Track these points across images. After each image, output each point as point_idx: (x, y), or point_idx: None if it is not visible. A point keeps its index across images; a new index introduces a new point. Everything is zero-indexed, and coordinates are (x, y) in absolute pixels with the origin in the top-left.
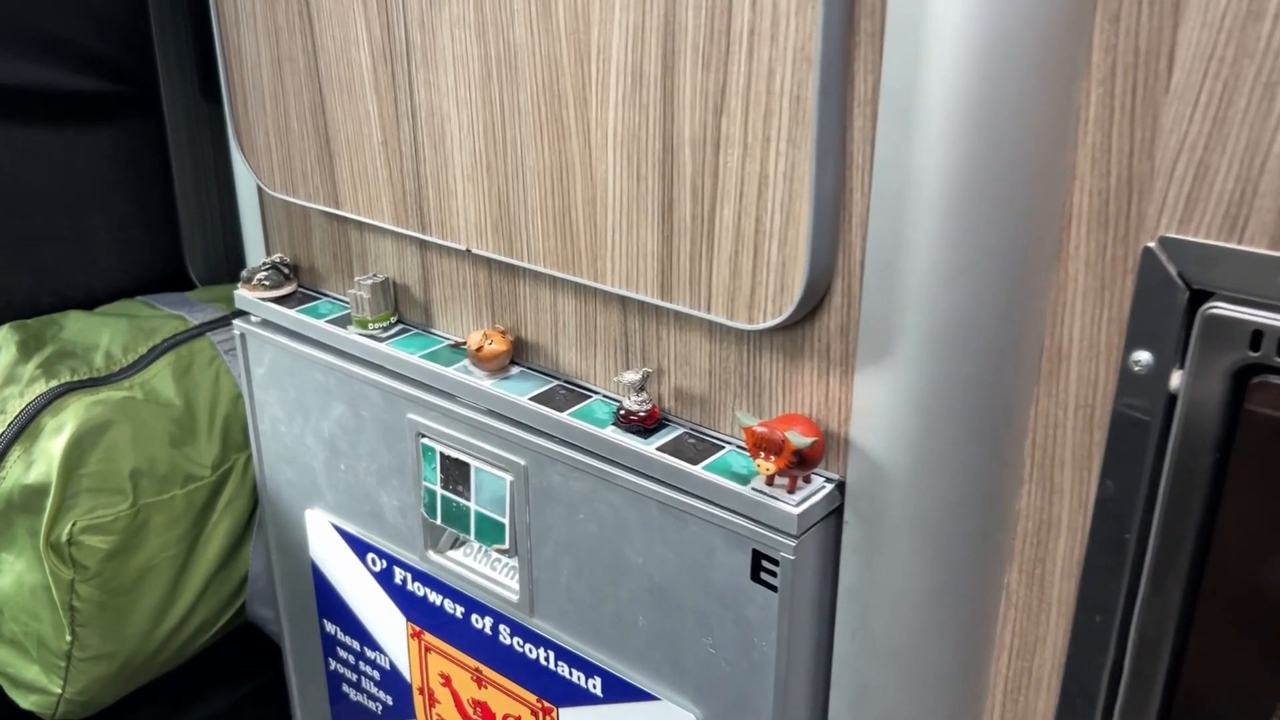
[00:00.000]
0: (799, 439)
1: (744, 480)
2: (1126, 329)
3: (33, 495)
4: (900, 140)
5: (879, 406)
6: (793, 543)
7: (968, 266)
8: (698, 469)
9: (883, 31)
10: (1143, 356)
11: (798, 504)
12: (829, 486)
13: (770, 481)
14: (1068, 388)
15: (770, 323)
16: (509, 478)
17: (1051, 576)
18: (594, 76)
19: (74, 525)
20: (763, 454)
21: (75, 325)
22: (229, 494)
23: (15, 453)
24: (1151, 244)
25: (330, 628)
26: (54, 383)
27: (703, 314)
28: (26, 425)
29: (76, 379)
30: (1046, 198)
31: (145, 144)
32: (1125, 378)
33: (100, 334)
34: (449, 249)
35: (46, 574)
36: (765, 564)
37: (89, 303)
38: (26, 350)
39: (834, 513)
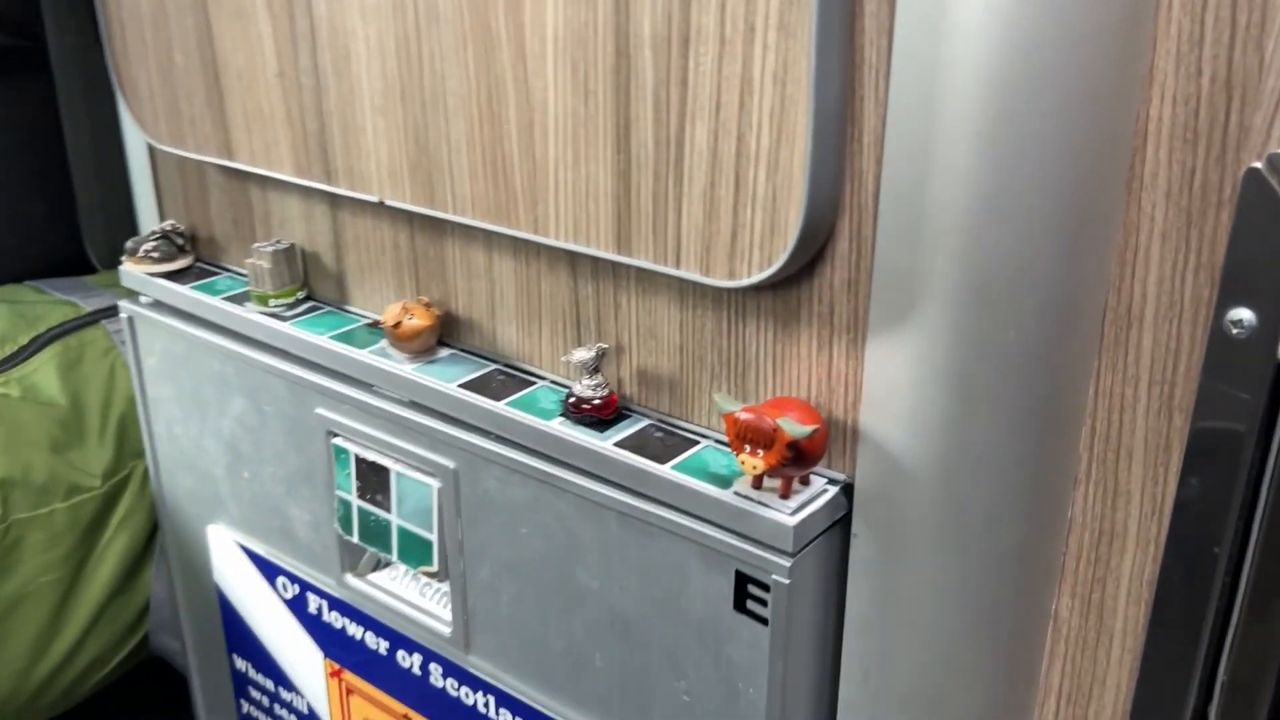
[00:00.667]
0: (794, 428)
1: (725, 483)
2: (1220, 280)
3: None
4: (927, 28)
5: (898, 386)
6: (787, 562)
7: (1015, 200)
8: (666, 469)
9: None
10: (1243, 315)
11: (793, 512)
12: (833, 490)
13: (758, 484)
14: (1139, 359)
15: (757, 277)
16: (436, 484)
17: (1114, 602)
18: None
19: None
20: (748, 448)
21: None
22: (125, 507)
23: None
24: (1258, 164)
25: (241, 664)
26: None
27: (670, 269)
28: None
29: None
30: (1114, 107)
31: (40, 105)
32: (1217, 343)
33: None
34: (363, 204)
35: None
36: (752, 589)
37: None
38: None
39: (839, 522)
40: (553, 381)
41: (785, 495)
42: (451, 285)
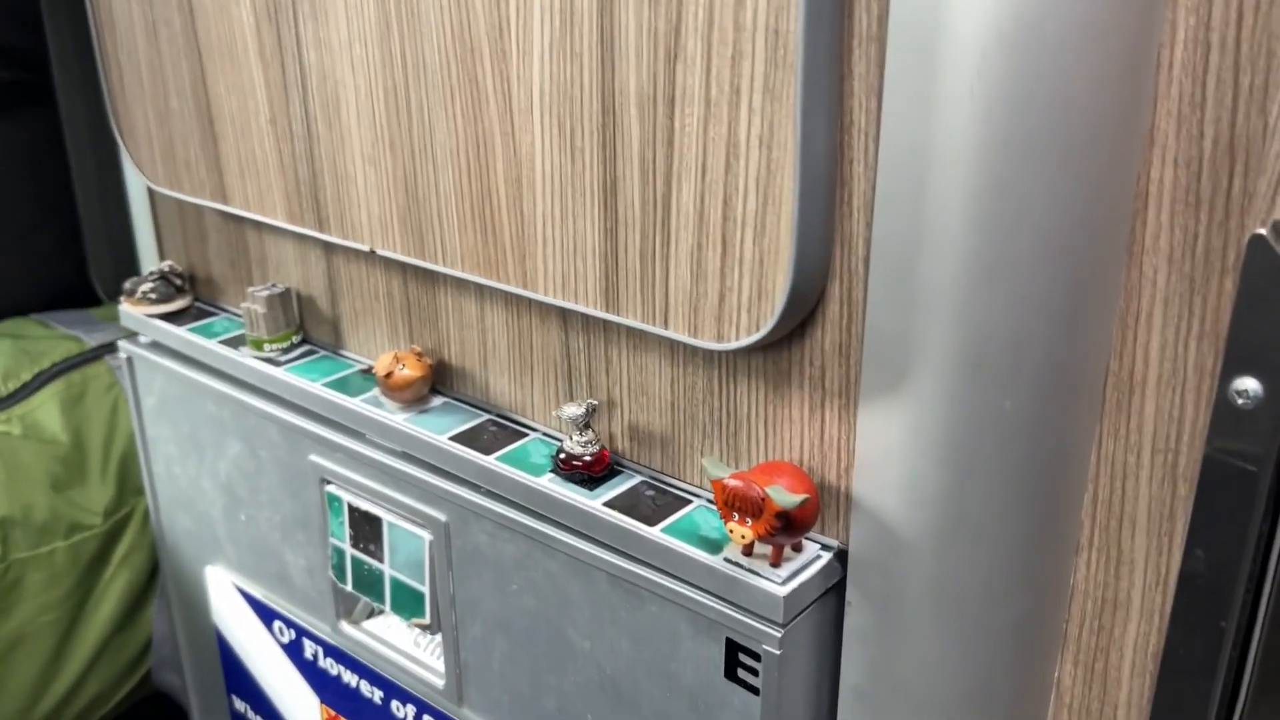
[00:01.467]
0: (784, 497)
1: (715, 548)
2: (1225, 347)
3: None
4: (918, 90)
5: (891, 451)
6: (778, 633)
7: (1010, 266)
8: (655, 532)
9: None
10: (1248, 385)
11: (784, 581)
12: (826, 556)
13: (749, 550)
14: (1141, 426)
15: (744, 341)
16: (428, 536)
17: (1117, 673)
18: (513, 19)
19: None
20: (737, 515)
21: None
22: (126, 545)
23: None
24: (1263, 230)
25: (240, 705)
26: None
27: (658, 330)
28: None
29: None
30: (1114, 169)
31: (46, 138)
32: (1222, 413)
33: None
34: (355, 251)
35: None
36: (744, 658)
37: None
38: None
39: (833, 589)
40: (546, 434)
41: (776, 563)
42: (444, 334)
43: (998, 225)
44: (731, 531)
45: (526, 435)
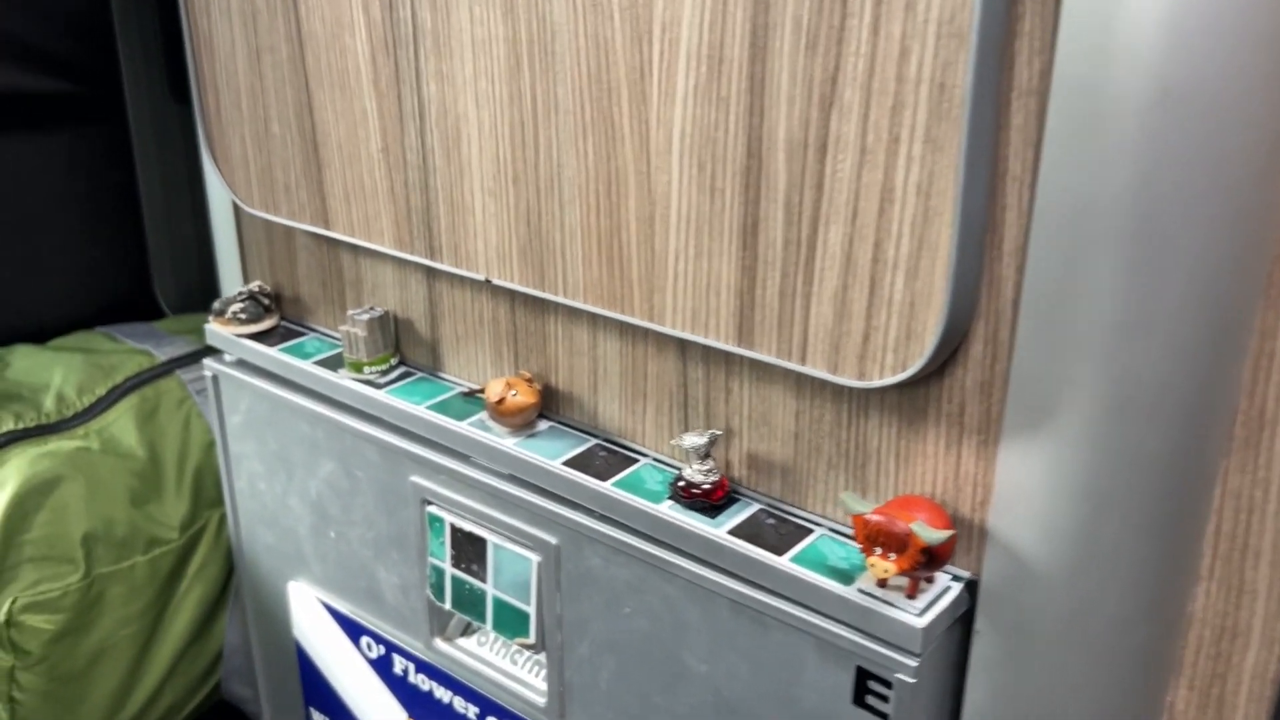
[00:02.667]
0: (929, 533)
1: (846, 578)
2: None
3: None
4: (1076, 143)
5: (1030, 490)
6: (914, 662)
7: (1161, 310)
8: (785, 562)
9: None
10: None
11: (921, 612)
12: (956, 588)
13: (883, 582)
14: (1270, 462)
15: (889, 379)
16: (536, 558)
17: (1234, 699)
18: (656, 63)
19: (14, 603)
20: (879, 550)
21: (22, 362)
22: (200, 558)
23: None
24: None
25: (318, 718)
26: None
27: (794, 365)
28: None
29: (21, 426)
30: (1262, 219)
31: (107, 152)
32: None
33: (51, 372)
34: (460, 277)
35: None
36: (874, 685)
37: (40, 335)
38: None
39: (959, 618)
40: (656, 460)
41: (913, 595)
42: (552, 360)
43: (1151, 274)
44: (873, 566)
45: (637, 461)
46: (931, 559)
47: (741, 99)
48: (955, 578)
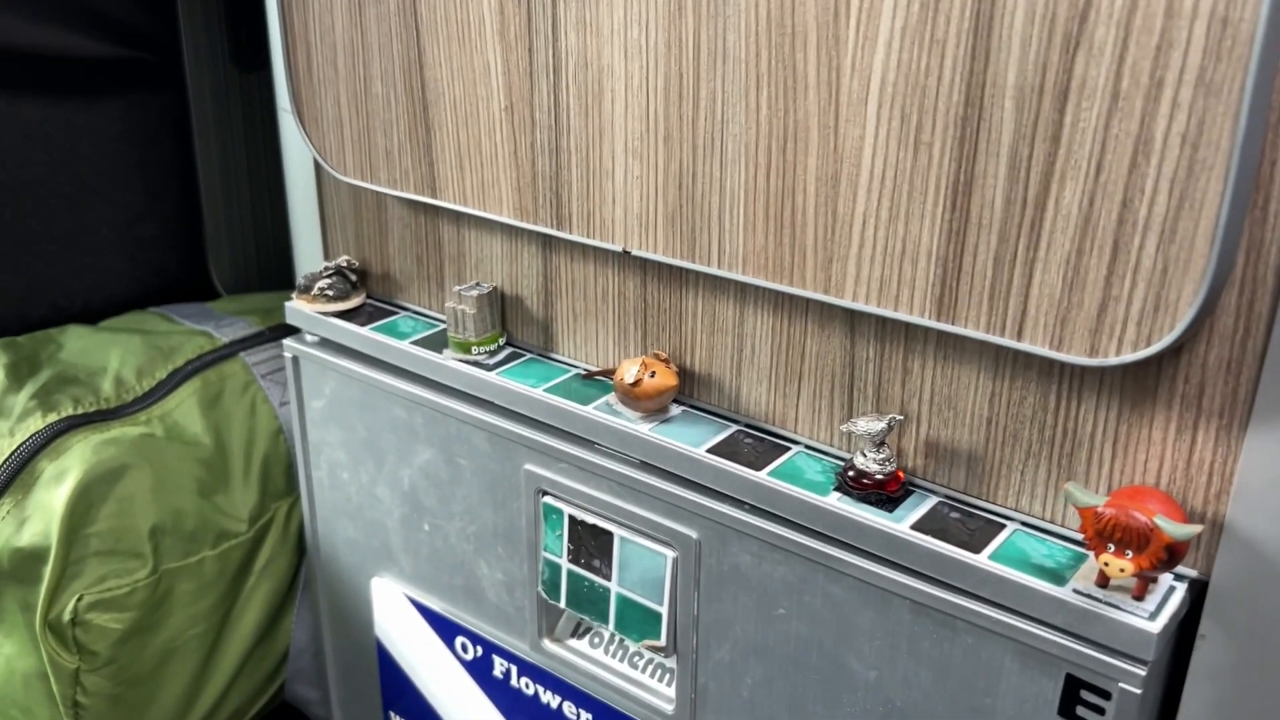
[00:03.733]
0: (1176, 529)
1: (1054, 577)
2: None
3: (26, 561)
4: None
5: None
6: (1142, 670)
7: None
8: (983, 559)
9: None
10: None
11: (1153, 615)
12: (1180, 588)
13: (1104, 581)
14: None
15: (1129, 356)
16: (671, 554)
17: None
18: (855, 3)
19: (79, 600)
20: (1113, 547)
21: (77, 343)
22: (268, 552)
23: (4, 506)
24: None
25: None
26: (53, 416)
27: (1007, 341)
28: (19, 472)
29: (80, 411)
30: None
31: (162, 122)
32: None
33: (108, 354)
34: (585, 248)
35: (44, 660)
36: (1087, 695)
37: (91, 315)
38: (17, 375)
39: (1180, 622)
40: (809, 448)
41: (1141, 596)
42: (688, 338)
43: None
44: (1106, 565)
45: (789, 449)
46: (1171, 557)
47: (962, 41)
48: (1178, 577)
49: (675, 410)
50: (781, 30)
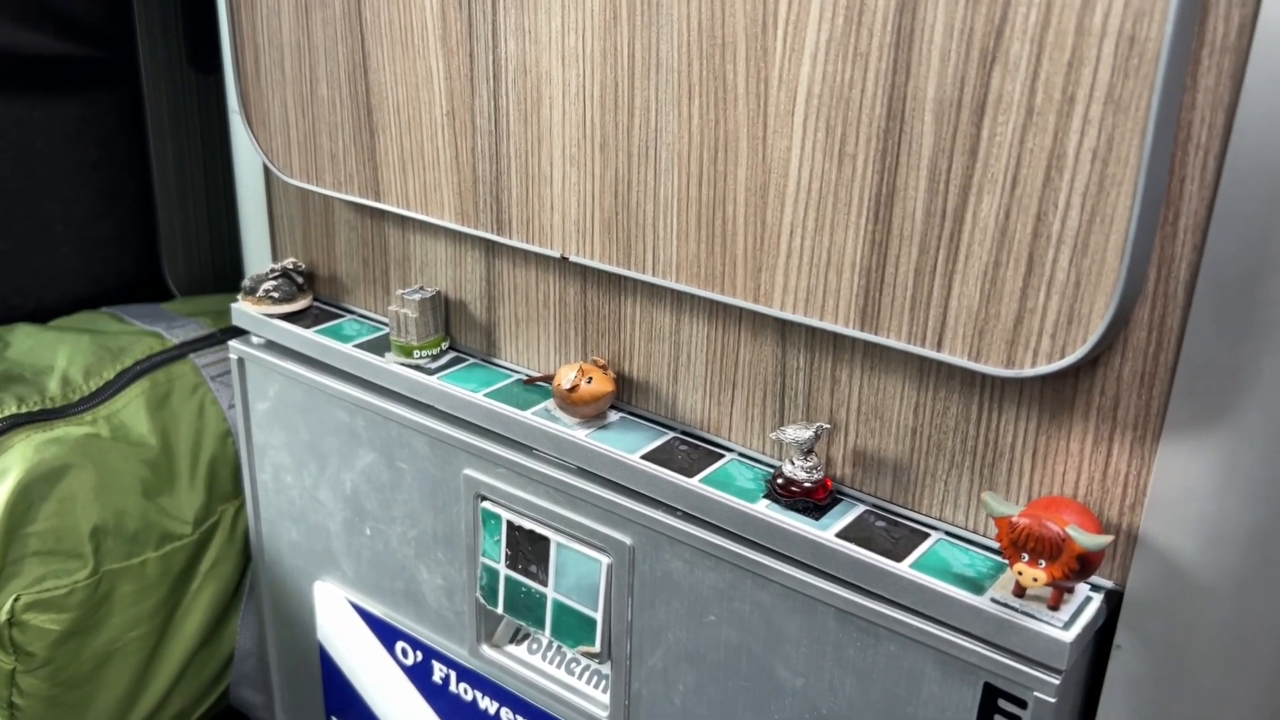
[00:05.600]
0: (1088, 539)
1: (973, 587)
2: None
3: None
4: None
5: (1195, 491)
6: (1055, 679)
7: None
8: (904, 568)
9: None
10: None
11: (1067, 625)
12: (1097, 598)
13: (1020, 591)
14: None
15: (1044, 368)
16: (605, 560)
17: None
18: (783, 15)
19: (16, 600)
20: (1027, 556)
21: (25, 342)
22: (214, 555)
23: None
24: None
25: None
26: None
27: (927, 351)
28: None
29: (24, 410)
30: None
31: (118, 122)
32: None
33: (56, 353)
34: (526, 254)
35: None
36: (1004, 704)
37: (42, 314)
38: None
39: (1096, 631)
40: (741, 454)
41: (1056, 606)
42: (627, 345)
43: None
44: (1020, 574)
45: (722, 456)
46: (1083, 567)
47: (884, 54)
48: (1094, 588)
49: (614, 416)
50: (712, 41)
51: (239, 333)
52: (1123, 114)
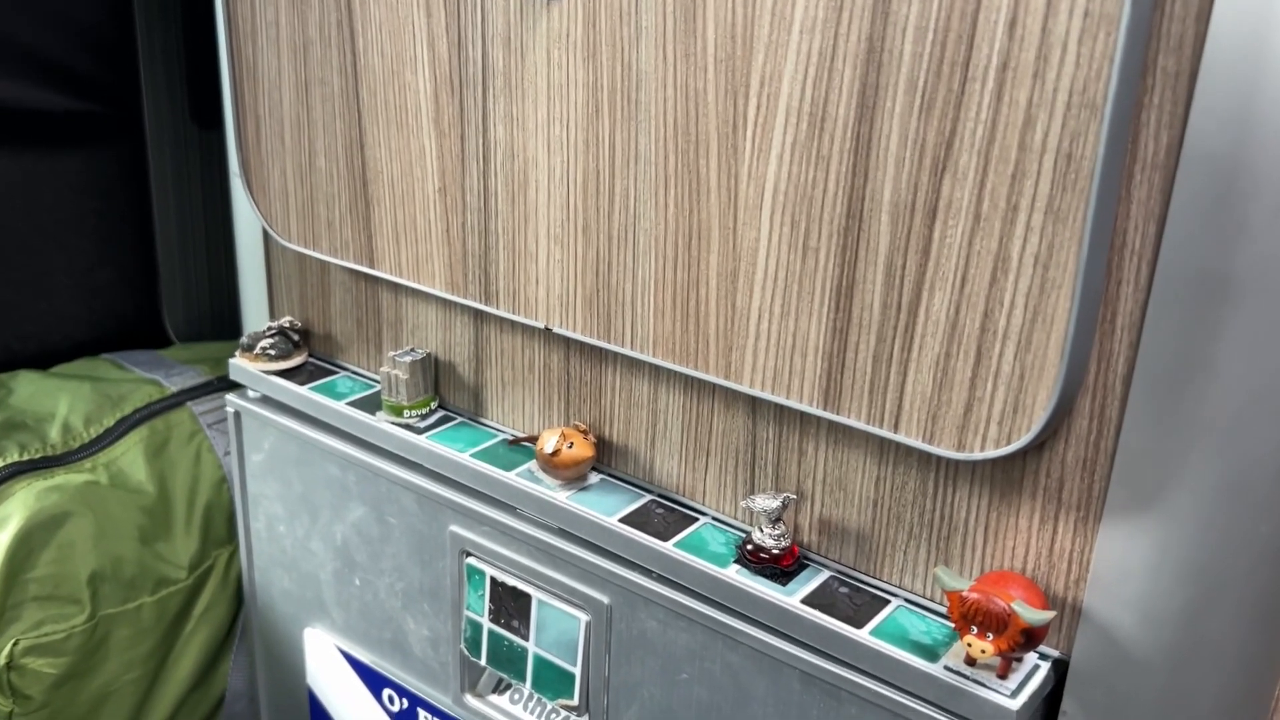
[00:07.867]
0: (1031, 614)
1: (929, 654)
2: None
3: None
4: (1207, 218)
5: (1132, 570)
6: None
7: None
8: (864, 635)
9: (1193, 73)
10: None
11: (1014, 693)
12: (1044, 667)
13: (972, 660)
14: None
15: (991, 453)
16: (584, 618)
17: None
18: (751, 117)
19: (15, 645)
20: (976, 629)
21: (26, 389)
22: (207, 599)
23: None
24: None
25: None
26: None
27: (885, 432)
28: None
29: (26, 458)
30: None
31: (121, 173)
32: None
33: (57, 400)
34: (512, 323)
35: None
36: None
37: (44, 360)
38: None
39: (1045, 699)
40: (716, 520)
41: (1004, 675)
42: (608, 411)
43: (1277, 356)
44: (969, 646)
45: (696, 520)
46: (1029, 639)
47: (844, 158)
48: (1042, 656)
49: (594, 478)
50: (687, 137)
51: (236, 381)
52: (1061, 223)
